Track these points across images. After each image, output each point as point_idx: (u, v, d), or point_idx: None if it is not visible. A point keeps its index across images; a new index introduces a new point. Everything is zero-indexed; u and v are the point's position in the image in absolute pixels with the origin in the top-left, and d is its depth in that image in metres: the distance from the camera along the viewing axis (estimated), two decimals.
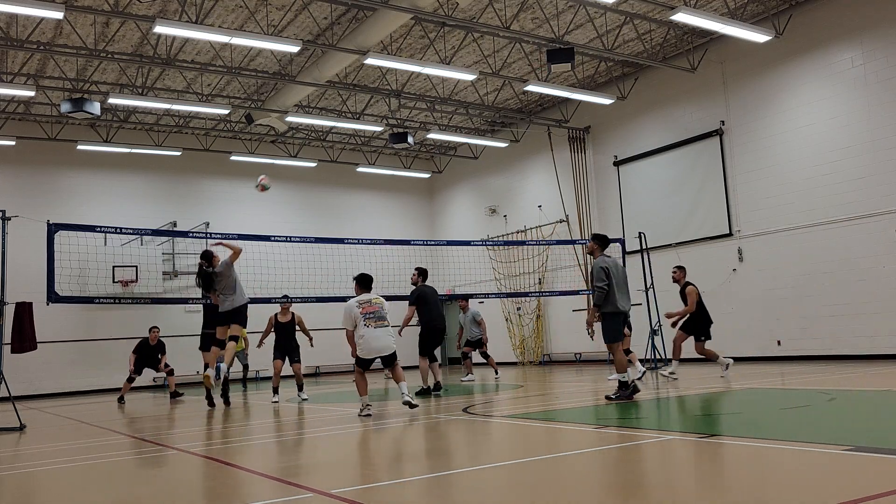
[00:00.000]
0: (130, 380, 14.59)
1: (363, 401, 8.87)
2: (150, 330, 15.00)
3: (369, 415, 8.72)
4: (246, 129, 21.25)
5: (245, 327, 11.42)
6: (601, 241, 9.38)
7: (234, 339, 10.85)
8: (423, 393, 11.25)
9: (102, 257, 17.83)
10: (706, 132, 17.01)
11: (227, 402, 11.51)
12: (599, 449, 5.55)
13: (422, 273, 12.11)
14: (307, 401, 11.67)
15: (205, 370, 11.17)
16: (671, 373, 11.62)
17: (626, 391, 8.86)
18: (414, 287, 11.97)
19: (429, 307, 11.71)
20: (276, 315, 12.41)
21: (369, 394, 8.96)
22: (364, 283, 9.04)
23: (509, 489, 4.34)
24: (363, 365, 8.81)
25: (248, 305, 11.12)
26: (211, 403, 11.20)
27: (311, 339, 12.77)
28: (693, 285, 11.79)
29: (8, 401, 9.69)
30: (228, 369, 11.64)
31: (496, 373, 15.29)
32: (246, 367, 17.86)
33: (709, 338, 11.64)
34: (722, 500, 3.73)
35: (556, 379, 14.16)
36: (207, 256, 11.00)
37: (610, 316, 9.08)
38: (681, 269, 12.18)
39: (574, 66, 17.03)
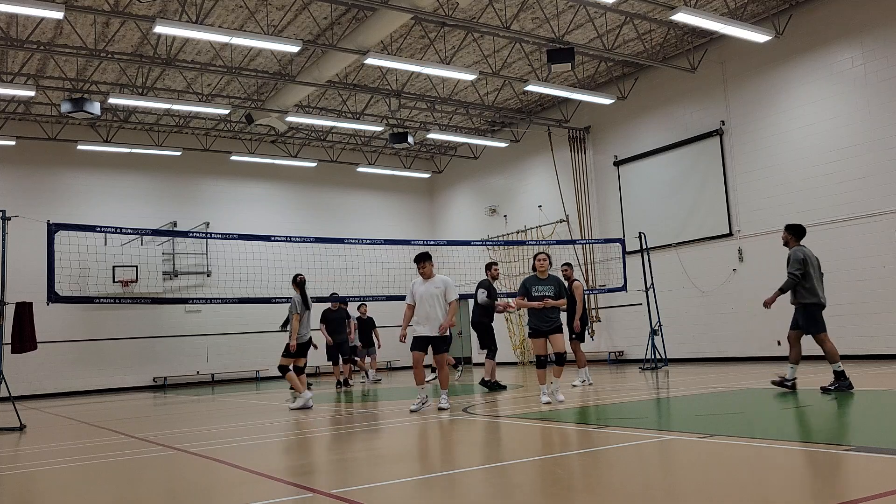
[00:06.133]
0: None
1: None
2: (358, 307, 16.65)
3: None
4: (246, 129, 21.25)
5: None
6: (795, 231, 9.11)
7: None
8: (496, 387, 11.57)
9: (102, 257, 17.85)
10: (706, 132, 17.00)
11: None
12: (599, 449, 5.55)
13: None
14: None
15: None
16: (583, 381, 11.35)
17: (844, 381, 8.41)
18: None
19: None
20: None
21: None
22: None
23: (509, 489, 4.33)
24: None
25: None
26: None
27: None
28: (580, 281, 11.95)
29: (8, 401, 9.70)
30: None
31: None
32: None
33: (582, 339, 11.66)
34: (722, 500, 3.73)
35: None
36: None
37: (812, 307, 8.86)
38: (569, 265, 12.08)
39: (574, 66, 17.01)
